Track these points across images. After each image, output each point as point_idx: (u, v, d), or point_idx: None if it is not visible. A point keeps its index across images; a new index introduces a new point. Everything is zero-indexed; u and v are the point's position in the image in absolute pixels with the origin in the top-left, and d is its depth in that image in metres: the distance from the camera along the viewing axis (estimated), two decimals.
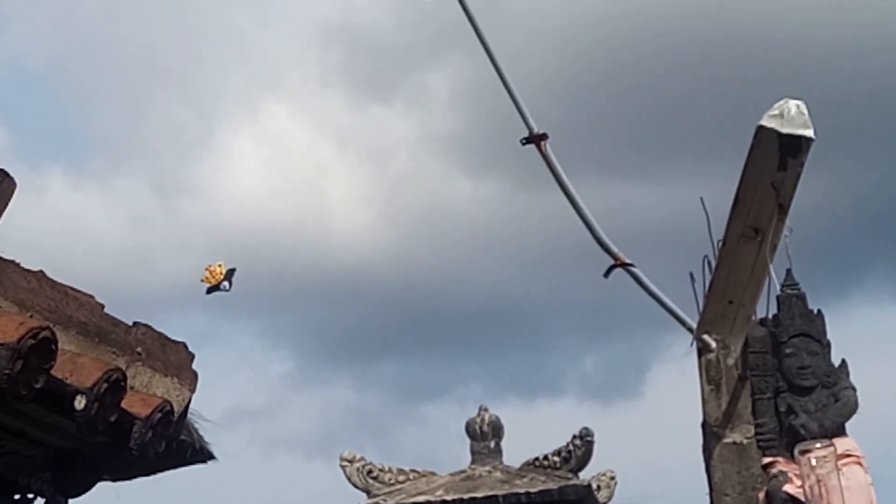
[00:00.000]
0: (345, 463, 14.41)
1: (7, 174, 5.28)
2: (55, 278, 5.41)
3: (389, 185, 43.51)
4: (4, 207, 5.27)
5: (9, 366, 4.52)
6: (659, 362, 40.85)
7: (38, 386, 4.64)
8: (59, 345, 4.91)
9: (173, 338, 5.82)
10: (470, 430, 13.98)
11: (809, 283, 8.07)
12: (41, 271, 5.36)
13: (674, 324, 8.38)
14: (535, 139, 8.29)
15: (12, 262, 5.25)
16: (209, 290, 8.01)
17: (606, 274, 8.35)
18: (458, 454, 14.71)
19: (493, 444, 14.14)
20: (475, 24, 8.25)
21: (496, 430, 13.86)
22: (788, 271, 7.60)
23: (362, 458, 14.37)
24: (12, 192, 5.31)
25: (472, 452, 14.24)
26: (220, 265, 8.03)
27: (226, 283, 7.95)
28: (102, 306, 5.54)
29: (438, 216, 42.19)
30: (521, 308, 43.30)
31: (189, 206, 44.00)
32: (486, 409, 13.69)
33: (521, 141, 8.34)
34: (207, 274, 8.00)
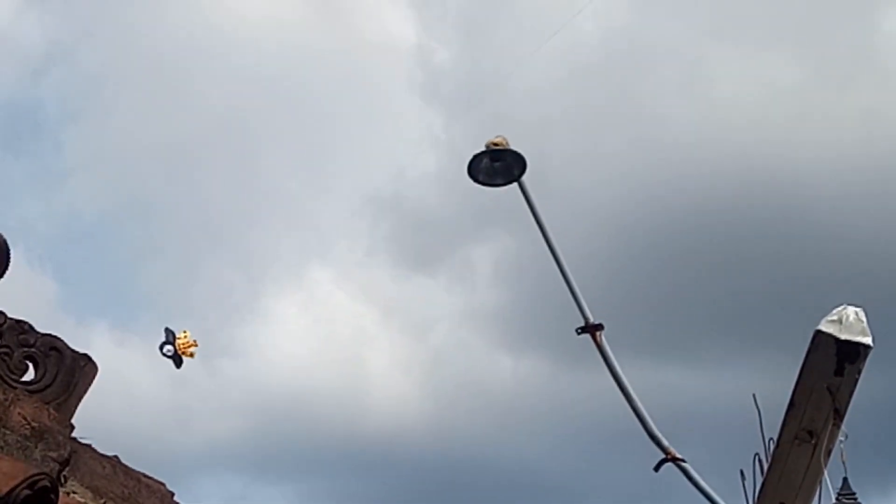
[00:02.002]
0: None
1: (90, 359, 5.34)
2: (128, 464, 5.43)
3: (430, 356, 43.66)
4: (86, 390, 5.32)
5: None
6: None
7: None
8: None
9: None
10: None
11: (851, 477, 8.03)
12: (116, 457, 5.39)
13: None
14: (590, 329, 8.37)
15: (89, 446, 5.29)
16: (165, 348, 7.80)
17: (657, 468, 8.32)
18: None
19: None
20: (537, 214, 8.40)
21: None
22: (845, 480, 7.59)
23: None
24: (94, 376, 5.36)
25: None
26: (194, 343, 7.84)
27: (175, 355, 7.74)
28: (172, 494, 5.55)
29: (477, 389, 42.15)
30: (556, 485, 42.84)
31: (231, 368, 44.03)
32: None
33: (576, 330, 8.41)
34: (182, 336, 7.78)
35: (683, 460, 8.27)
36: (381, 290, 45.65)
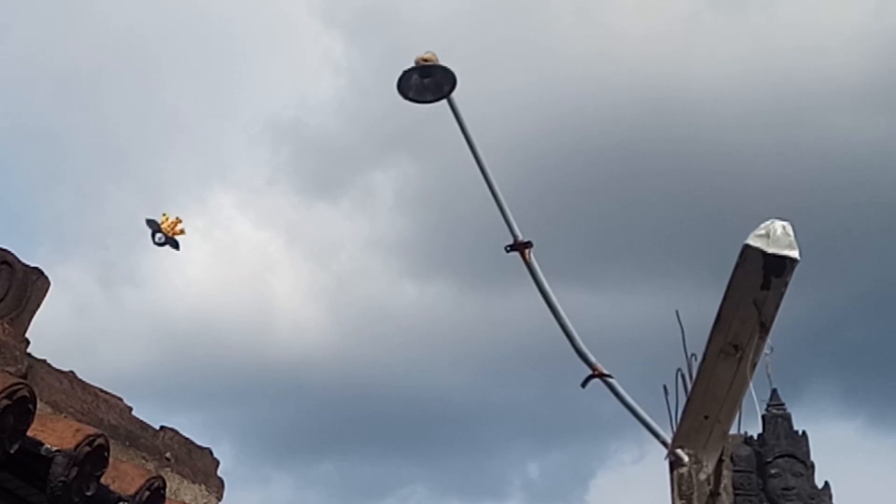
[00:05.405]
0: None
1: (42, 273, 5.18)
2: (85, 380, 5.31)
3: (334, 283, 43.49)
4: (39, 305, 5.17)
5: (65, 473, 4.42)
6: (604, 469, 41.14)
7: (89, 493, 4.53)
8: None
9: (199, 443, 5.72)
10: None
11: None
12: (72, 372, 5.25)
13: (621, 431, 8.52)
14: (519, 247, 8.38)
15: (44, 361, 5.14)
16: (156, 237, 7.72)
17: (584, 384, 8.41)
18: None
19: None
20: (465, 130, 8.37)
21: None
22: (774, 391, 7.79)
23: None
24: (46, 290, 5.21)
25: None
26: (178, 220, 7.77)
27: (169, 239, 7.70)
28: (130, 409, 5.43)
29: (382, 316, 42.18)
30: (465, 411, 43.34)
31: (134, 297, 43.18)
32: None
33: (505, 248, 8.42)
34: (163, 219, 7.72)
35: (610, 376, 8.38)
36: (284, 217, 45.31)
